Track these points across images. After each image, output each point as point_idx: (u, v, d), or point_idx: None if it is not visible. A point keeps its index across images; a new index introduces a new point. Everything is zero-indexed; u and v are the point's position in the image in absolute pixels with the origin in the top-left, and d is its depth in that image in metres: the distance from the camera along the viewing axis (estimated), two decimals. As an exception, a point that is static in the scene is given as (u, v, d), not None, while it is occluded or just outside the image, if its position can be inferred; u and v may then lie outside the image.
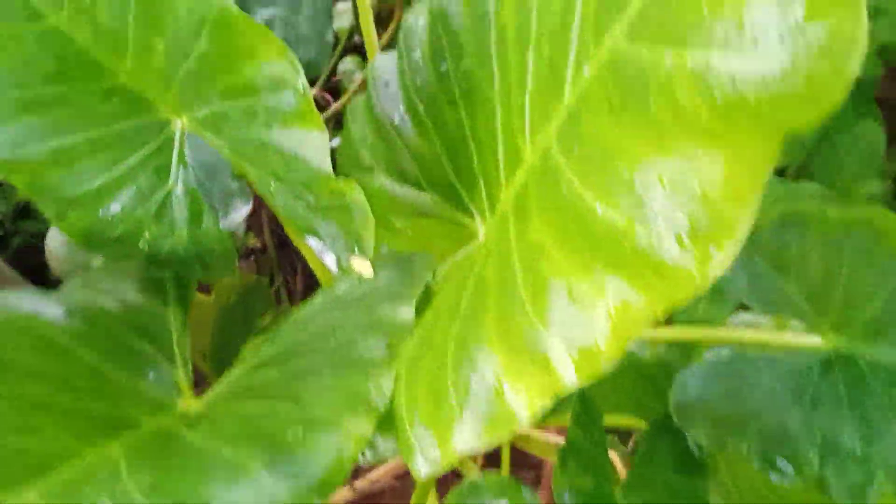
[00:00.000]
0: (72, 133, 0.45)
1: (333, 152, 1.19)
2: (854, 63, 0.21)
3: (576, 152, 0.31)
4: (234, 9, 0.36)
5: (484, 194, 0.45)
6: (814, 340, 0.50)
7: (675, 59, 0.25)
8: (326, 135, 0.38)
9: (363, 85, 1.17)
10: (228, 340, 0.87)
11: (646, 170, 0.26)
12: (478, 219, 0.47)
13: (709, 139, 0.25)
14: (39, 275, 0.87)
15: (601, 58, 0.31)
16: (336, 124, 1.15)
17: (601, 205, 0.28)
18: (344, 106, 1.14)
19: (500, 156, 0.43)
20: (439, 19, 0.45)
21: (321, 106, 1.10)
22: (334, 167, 0.50)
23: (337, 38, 1.10)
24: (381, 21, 1.10)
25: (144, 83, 0.43)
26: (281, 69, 0.36)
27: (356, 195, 0.40)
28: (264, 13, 0.55)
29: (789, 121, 0.23)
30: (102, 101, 0.44)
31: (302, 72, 0.37)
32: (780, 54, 0.22)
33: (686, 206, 0.25)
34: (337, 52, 1.09)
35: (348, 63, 1.10)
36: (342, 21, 1.07)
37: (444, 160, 0.48)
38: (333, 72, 1.10)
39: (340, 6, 1.07)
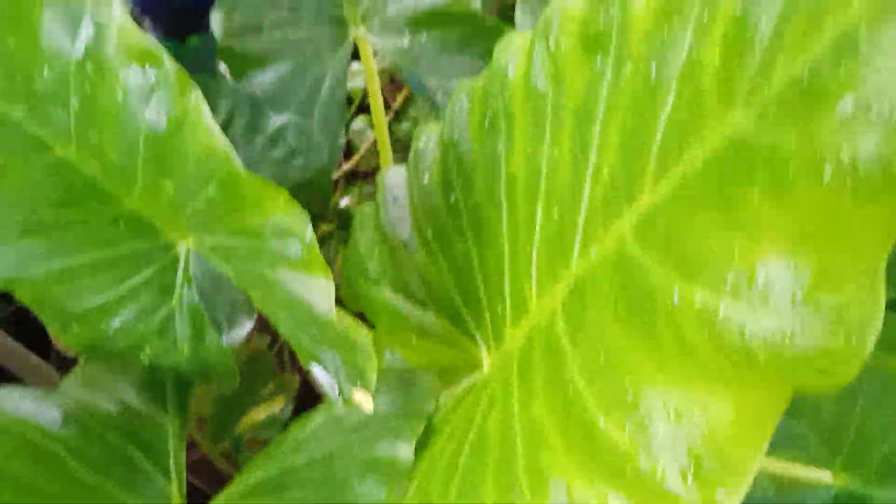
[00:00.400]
0: (76, 254, 0.45)
1: (345, 211, 1.18)
2: (870, 339, 0.21)
3: (581, 342, 0.30)
4: (242, 170, 0.36)
5: (490, 326, 0.45)
6: (825, 476, 0.49)
7: (683, 293, 0.24)
8: (332, 283, 0.38)
9: (374, 145, 1.16)
10: (230, 408, 0.87)
11: (651, 393, 0.26)
12: (483, 348, 0.46)
13: (716, 380, 0.24)
14: (41, 333, 0.86)
15: (608, 246, 0.30)
16: (347, 182, 1.15)
17: (604, 418, 0.27)
18: (357, 164, 1.14)
19: (507, 295, 0.42)
20: (450, 149, 0.45)
21: (332, 165, 1.09)
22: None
23: (350, 98, 1.10)
24: (396, 81, 1.11)
25: (152, 212, 0.43)
26: (288, 221, 0.36)
27: (360, 337, 0.40)
28: (277, 119, 0.54)
29: (800, 384, 0.22)
30: (108, 226, 0.44)
31: (309, 223, 0.36)
32: (791, 319, 0.22)
33: (691, 443, 0.24)
34: (350, 112, 1.09)
35: (360, 123, 1.10)
36: (355, 81, 1.07)
37: (451, 285, 0.47)
38: (345, 131, 1.10)
39: (355, 66, 1.07)
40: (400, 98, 1.11)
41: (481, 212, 0.43)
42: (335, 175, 1.07)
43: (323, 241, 1.06)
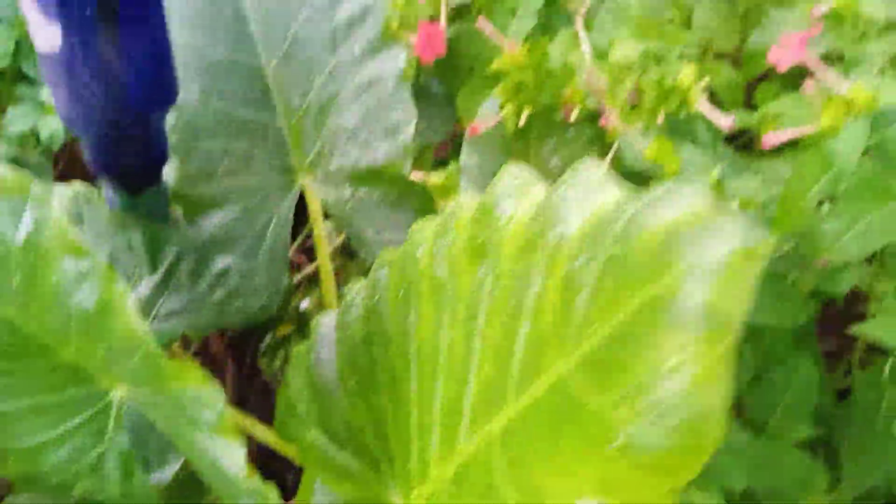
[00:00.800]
0: (16, 399, 0.47)
1: (305, 314, 1.19)
2: None
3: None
4: (159, 350, 0.39)
5: (402, 478, 0.47)
6: None
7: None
8: (243, 448, 0.41)
9: (335, 250, 1.19)
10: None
11: None
12: (397, 497, 0.49)
13: None
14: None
15: (480, 446, 0.33)
16: (309, 283, 1.18)
17: None
18: (317, 268, 1.18)
19: (415, 452, 0.45)
20: (373, 310, 0.48)
21: (295, 266, 1.13)
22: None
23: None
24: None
25: (87, 365, 0.46)
26: (202, 393, 0.39)
27: (272, 494, 0.43)
28: (222, 262, 0.58)
29: None
30: (47, 374, 0.46)
31: (222, 395, 0.40)
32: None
33: None
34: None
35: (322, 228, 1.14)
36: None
37: (370, 434, 0.50)
38: (309, 235, 1.14)
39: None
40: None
41: (396, 372, 0.46)
42: (297, 278, 1.11)
43: (282, 342, 1.08)
